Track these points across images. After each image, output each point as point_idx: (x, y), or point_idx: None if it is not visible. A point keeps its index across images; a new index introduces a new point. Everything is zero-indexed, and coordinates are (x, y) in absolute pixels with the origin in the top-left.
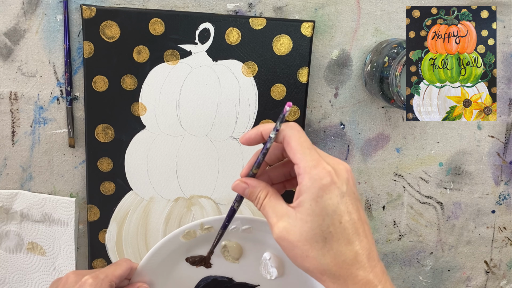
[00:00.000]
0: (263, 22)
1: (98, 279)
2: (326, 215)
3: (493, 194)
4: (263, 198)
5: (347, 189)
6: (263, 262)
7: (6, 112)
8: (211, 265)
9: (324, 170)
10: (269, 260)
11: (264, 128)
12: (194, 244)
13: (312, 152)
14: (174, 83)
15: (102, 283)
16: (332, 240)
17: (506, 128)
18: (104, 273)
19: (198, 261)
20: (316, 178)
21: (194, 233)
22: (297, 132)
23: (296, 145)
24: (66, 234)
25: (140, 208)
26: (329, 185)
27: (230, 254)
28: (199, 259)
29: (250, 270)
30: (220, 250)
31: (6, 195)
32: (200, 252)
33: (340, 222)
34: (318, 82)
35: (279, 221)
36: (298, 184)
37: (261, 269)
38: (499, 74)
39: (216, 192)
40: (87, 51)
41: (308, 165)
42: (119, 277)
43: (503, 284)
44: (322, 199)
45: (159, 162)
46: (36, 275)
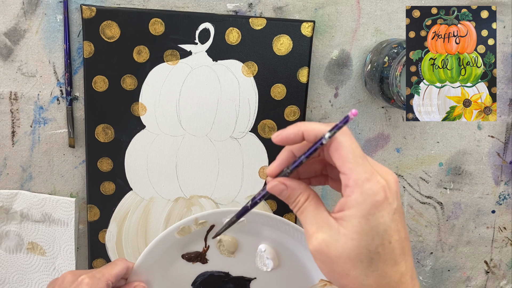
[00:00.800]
0: (263, 22)
1: (94, 279)
2: (376, 235)
3: (493, 194)
4: (303, 202)
5: (397, 205)
6: (258, 254)
7: (6, 112)
8: (207, 261)
9: (379, 184)
10: (265, 252)
11: (306, 127)
12: (189, 241)
13: (365, 162)
14: (174, 83)
15: (99, 282)
16: (378, 261)
17: (506, 128)
18: (101, 273)
19: (194, 257)
20: (369, 193)
21: (189, 228)
22: (348, 137)
23: (347, 153)
24: (66, 234)
25: (140, 208)
26: (383, 201)
27: (226, 248)
28: (195, 255)
29: (246, 263)
30: (215, 244)
31: (6, 195)
32: (195, 248)
33: (389, 242)
34: (318, 82)
35: (319, 231)
36: (344, 196)
37: (257, 262)
38: (499, 74)
39: (216, 192)
40: (87, 51)
41: (361, 178)
42: (116, 276)
43: (503, 284)
44: (374, 217)
45: (159, 162)
46: (36, 275)
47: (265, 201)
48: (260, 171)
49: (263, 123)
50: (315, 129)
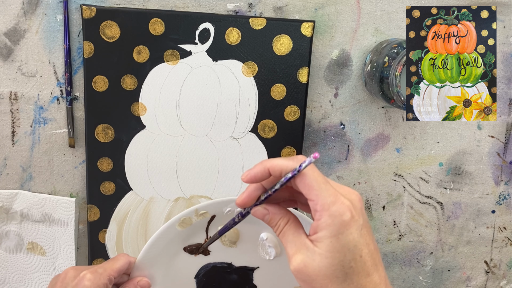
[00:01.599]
0: (263, 22)
1: (96, 274)
2: (348, 251)
3: (493, 194)
4: (283, 225)
5: (363, 220)
6: (260, 243)
7: (6, 112)
8: (210, 252)
9: (343, 205)
10: (266, 240)
11: (271, 164)
12: (191, 233)
13: (328, 187)
14: (174, 83)
15: (101, 277)
16: (353, 274)
17: (506, 128)
18: (103, 268)
19: (196, 249)
20: (336, 214)
21: (190, 220)
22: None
23: (312, 181)
24: (66, 234)
25: (140, 208)
26: (350, 220)
27: (228, 239)
28: (196, 247)
29: (248, 252)
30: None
31: (6, 195)
32: (197, 240)
33: (360, 256)
34: (318, 82)
35: (297, 253)
36: (315, 220)
37: (259, 250)
38: (499, 74)
39: (216, 192)
40: (87, 51)
41: (327, 202)
42: (118, 271)
43: (503, 284)
44: (343, 236)
45: (159, 162)
46: (36, 275)
47: None
48: None
49: (263, 123)
50: (279, 165)
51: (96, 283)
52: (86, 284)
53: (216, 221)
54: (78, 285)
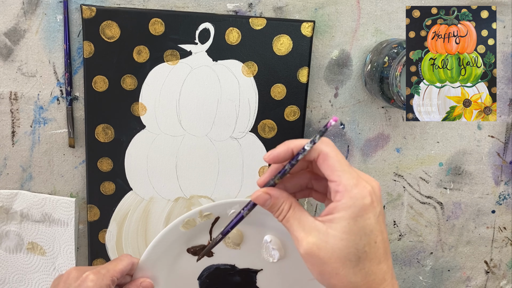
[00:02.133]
0: (263, 22)
1: (99, 274)
2: (364, 235)
3: (493, 194)
4: (287, 210)
5: (380, 208)
6: (264, 245)
7: (6, 112)
8: (213, 254)
9: (365, 189)
10: (270, 243)
11: (295, 144)
12: (194, 234)
13: (351, 170)
14: (174, 83)
15: (104, 278)
16: (365, 260)
17: (506, 128)
18: (106, 269)
19: (199, 251)
20: (358, 197)
21: (194, 221)
22: (333, 148)
23: (335, 162)
24: (66, 234)
25: (140, 208)
26: (369, 205)
27: (231, 240)
28: (200, 248)
29: (252, 255)
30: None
31: (6, 195)
32: (200, 241)
33: (375, 242)
34: (318, 82)
35: (308, 236)
36: (334, 201)
37: (263, 253)
38: (499, 74)
39: (216, 192)
40: (87, 51)
41: (349, 184)
42: (121, 271)
43: (503, 284)
44: (361, 219)
45: (159, 162)
46: (36, 275)
47: None
48: (260, 171)
49: (263, 123)
50: (303, 144)
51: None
52: (89, 285)
53: (220, 223)
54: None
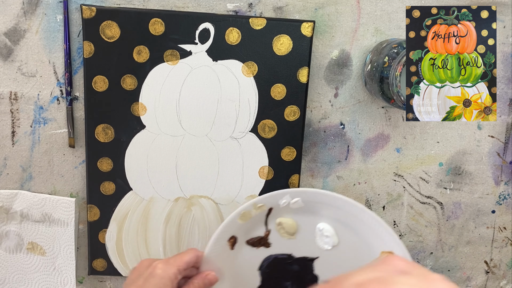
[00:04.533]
0: (263, 22)
1: (167, 264)
2: None
3: (493, 194)
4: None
5: None
6: (318, 233)
7: (6, 112)
8: (270, 245)
9: None
10: (323, 231)
11: None
12: (251, 226)
13: None
14: (174, 83)
15: (171, 267)
16: None
17: (506, 128)
18: (173, 259)
19: (257, 242)
20: None
21: (249, 213)
22: None
23: None
24: (66, 234)
25: (140, 208)
26: None
27: (286, 231)
28: (258, 240)
29: (307, 243)
30: (275, 228)
31: (6, 195)
32: (257, 233)
33: None
34: (318, 82)
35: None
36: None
37: (317, 241)
38: (499, 74)
39: (216, 192)
40: (87, 51)
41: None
42: (186, 263)
43: (503, 284)
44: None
45: (159, 162)
46: (36, 275)
47: None
48: (260, 171)
49: (263, 123)
50: None
51: (166, 272)
52: (158, 272)
53: (274, 213)
54: (151, 273)
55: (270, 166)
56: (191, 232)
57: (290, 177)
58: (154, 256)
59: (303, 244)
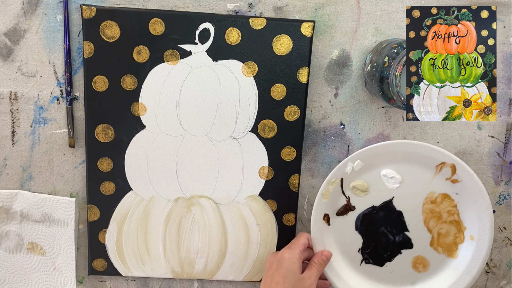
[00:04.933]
0: (263, 22)
1: (290, 249)
2: None
3: (493, 194)
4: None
5: None
6: (384, 179)
7: (6, 112)
8: (354, 207)
9: None
10: (388, 175)
11: None
12: (334, 200)
13: None
14: (174, 83)
15: (294, 250)
16: None
17: (506, 128)
18: (293, 244)
19: (344, 210)
20: None
21: (328, 191)
22: None
23: None
24: (66, 234)
25: (140, 208)
26: None
27: (361, 190)
28: (344, 208)
29: (380, 191)
30: (352, 192)
31: (6, 195)
32: (341, 204)
33: None
34: (318, 82)
35: None
36: None
37: (386, 185)
38: (499, 74)
39: (216, 192)
40: (87, 51)
41: None
42: (303, 244)
43: (503, 284)
44: None
45: (159, 162)
46: (36, 275)
47: (265, 201)
48: (260, 171)
49: (263, 123)
50: None
51: (293, 254)
52: (286, 256)
53: (345, 182)
54: (281, 258)
55: (270, 166)
56: (191, 232)
57: (290, 177)
58: (154, 256)
59: (378, 193)
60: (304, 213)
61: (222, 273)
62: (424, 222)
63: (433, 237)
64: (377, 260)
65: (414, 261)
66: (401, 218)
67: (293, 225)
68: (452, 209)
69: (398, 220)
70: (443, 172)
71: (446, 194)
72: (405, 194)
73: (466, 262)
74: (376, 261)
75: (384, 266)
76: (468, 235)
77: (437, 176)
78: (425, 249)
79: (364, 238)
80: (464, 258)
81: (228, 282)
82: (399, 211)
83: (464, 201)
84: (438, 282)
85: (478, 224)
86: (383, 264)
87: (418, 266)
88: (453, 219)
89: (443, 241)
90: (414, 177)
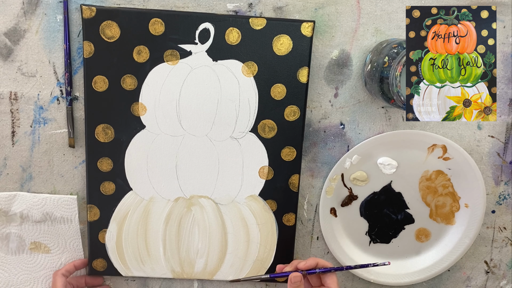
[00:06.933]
0: (263, 22)
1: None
2: None
3: (493, 194)
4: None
5: None
6: (381, 167)
7: (6, 112)
8: (357, 196)
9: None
10: (384, 162)
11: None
12: (337, 194)
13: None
14: (174, 83)
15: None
16: None
17: (506, 128)
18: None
19: (348, 200)
20: None
21: (331, 187)
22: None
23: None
24: (70, 230)
25: (140, 208)
26: None
27: (361, 180)
28: (347, 199)
29: (378, 178)
30: (353, 184)
31: (3, 198)
32: (344, 195)
33: None
34: (318, 82)
35: None
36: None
37: (384, 171)
38: (499, 74)
39: (216, 192)
40: (87, 51)
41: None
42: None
43: (503, 284)
44: None
45: (159, 162)
46: (42, 272)
47: (265, 201)
48: (260, 171)
49: (263, 123)
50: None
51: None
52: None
53: (346, 176)
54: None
55: (270, 166)
56: (191, 232)
57: (290, 177)
58: (154, 255)
59: (377, 180)
60: (304, 213)
61: (222, 273)
62: (422, 198)
63: (431, 209)
64: (383, 238)
65: (417, 234)
66: (401, 198)
67: (293, 225)
68: (447, 183)
69: (398, 200)
70: (435, 152)
71: (440, 170)
72: (402, 176)
73: (464, 227)
74: (383, 240)
75: (391, 242)
76: (463, 203)
77: (429, 156)
78: (426, 221)
79: (370, 222)
80: (461, 223)
81: (228, 282)
82: (398, 192)
83: (457, 174)
84: (440, 248)
85: (471, 192)
86: (390, 241)
87: (421, 237)
88: (448, 191)
89: (441, 211)
90: (409, 160)
